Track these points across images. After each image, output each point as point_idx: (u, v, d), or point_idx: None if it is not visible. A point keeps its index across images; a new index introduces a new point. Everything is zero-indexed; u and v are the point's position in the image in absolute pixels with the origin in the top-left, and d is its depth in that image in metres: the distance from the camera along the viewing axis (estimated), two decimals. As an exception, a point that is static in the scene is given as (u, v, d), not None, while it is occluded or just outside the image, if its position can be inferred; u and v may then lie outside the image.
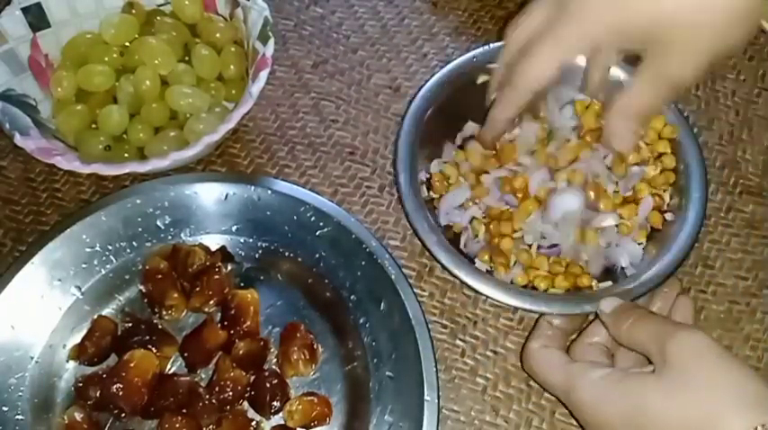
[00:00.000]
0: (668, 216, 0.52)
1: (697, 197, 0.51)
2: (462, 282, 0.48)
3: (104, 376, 0.47)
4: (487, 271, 0.51)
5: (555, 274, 0.50)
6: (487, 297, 0.48)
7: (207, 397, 0.47)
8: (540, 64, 0.45)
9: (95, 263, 0.51)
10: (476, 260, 0.51)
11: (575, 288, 0.50)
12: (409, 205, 0.50)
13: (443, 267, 0.49)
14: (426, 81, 0.54)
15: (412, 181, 0.51)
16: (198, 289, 0.50)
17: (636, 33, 0.42)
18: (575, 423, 0.49)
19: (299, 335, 0.49)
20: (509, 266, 0.51)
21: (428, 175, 0.54)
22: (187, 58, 0.57)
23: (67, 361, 0.49)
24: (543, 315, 0.48)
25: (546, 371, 0.46)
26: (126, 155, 0.54)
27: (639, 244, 0.52)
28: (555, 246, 0.51)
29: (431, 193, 0.54)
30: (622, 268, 0.51)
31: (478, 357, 0.51)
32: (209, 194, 0.52)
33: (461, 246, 0.52)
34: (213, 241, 0.53)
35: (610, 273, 0.51)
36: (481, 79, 0.55)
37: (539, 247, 0.51)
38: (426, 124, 0.53)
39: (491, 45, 0.55)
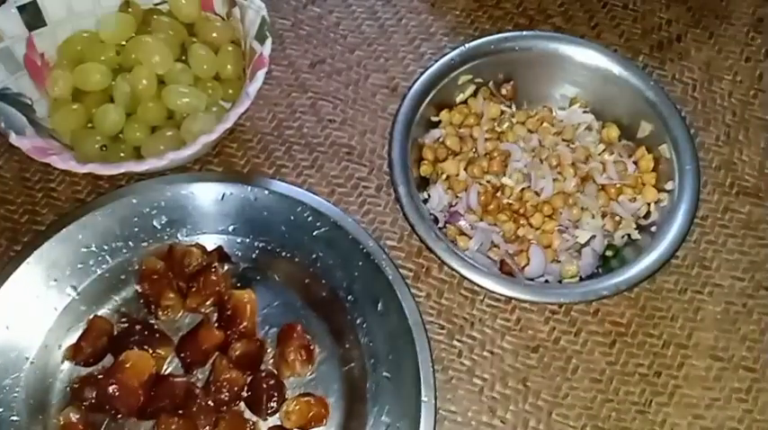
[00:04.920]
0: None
1: (689, 183, 0.52)
2: (463, 277, 0.49)
3: (100, 377, 0.47)
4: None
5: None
6: (489, 291, 0.48)
7: (203, 398, 0.46)
8: None
9: (91, 263, 0.51)
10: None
11: None
12: (407, 203, 0.50)
13: (443, 263, 0.49)
14: (413, 83, 0.55)
15: (408, 179, 0.51)
16: (194, 289, 0.50)
17: None
18: (571, 423, 0.49)
19: (295, 335, 0.49)
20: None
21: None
22: (184, 58, 0.57)
23: (63, 361, 0.49)
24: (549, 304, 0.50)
25: None
26: (122, 154, 0.54)
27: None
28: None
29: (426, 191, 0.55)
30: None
31: (476, 358, 0.51)
32: (205, 194, 0.52)
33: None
34: (210, 241, 0.53)
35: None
36: (462, 80, 0.56)
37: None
38: (418, 124, 0.54)
39: (467, 45, 0.56)
